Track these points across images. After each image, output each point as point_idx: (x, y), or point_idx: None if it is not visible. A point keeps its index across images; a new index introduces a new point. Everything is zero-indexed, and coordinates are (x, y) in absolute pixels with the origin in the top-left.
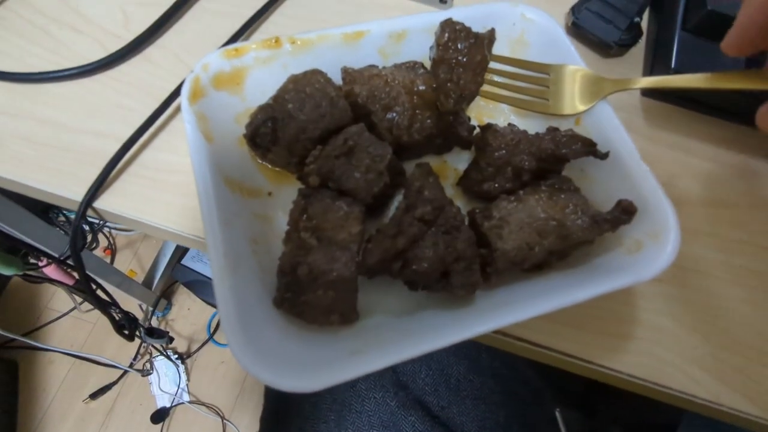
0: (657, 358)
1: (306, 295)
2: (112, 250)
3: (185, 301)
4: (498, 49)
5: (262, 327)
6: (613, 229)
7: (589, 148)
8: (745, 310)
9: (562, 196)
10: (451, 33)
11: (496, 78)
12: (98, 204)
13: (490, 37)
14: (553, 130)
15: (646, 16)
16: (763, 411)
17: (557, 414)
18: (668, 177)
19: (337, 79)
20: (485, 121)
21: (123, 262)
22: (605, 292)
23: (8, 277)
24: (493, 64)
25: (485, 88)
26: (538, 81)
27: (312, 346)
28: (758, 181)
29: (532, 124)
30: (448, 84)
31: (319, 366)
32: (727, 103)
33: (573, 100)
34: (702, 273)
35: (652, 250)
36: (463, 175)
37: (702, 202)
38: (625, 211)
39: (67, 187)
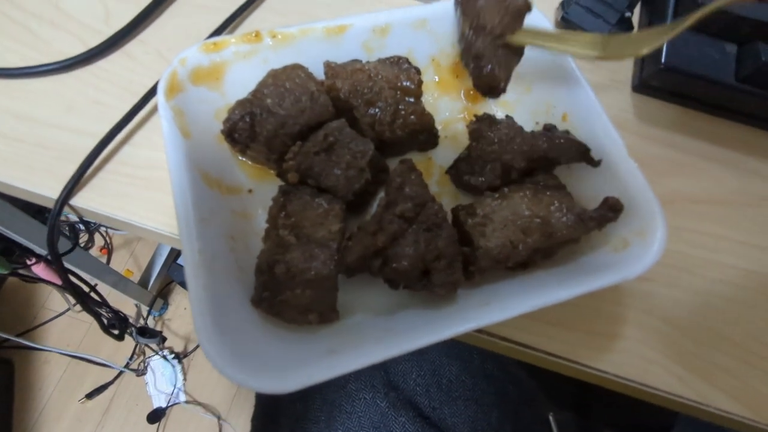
0: (644, 358)
1: (284, 293)
2: (108, 249)
3: (182, 301)
4: None
5: (238, 326)
6: (599, 227)
7: (583, 155)
8: (733, 310)
9: (548, 193)
10: None
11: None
12: (75, 201)
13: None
14: (549, 129)
15: (637, 10)
16: (751, 411)
17: (550, 417)
18: (658, 174)
19: (319, 74)
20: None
21: (119, 262)
22: (590, 291)
23: (4, 278)
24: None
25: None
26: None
27: (290, 345)
28: (750, 179)
29: (521, 117)
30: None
31: (295, 366)
32: (720, 99)
33: (632, 44)
34: (690, 272)
35: (639, 248)
36: (452, 164)
37: (692, 199)
38: (612, 209)
39: (43, 184)
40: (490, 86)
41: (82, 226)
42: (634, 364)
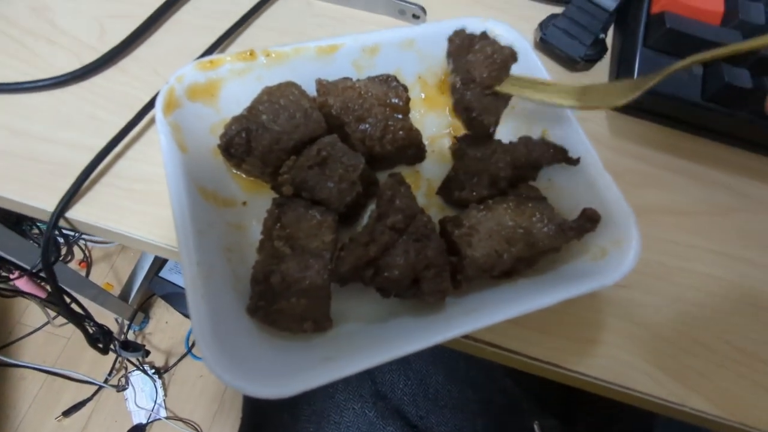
0: (622, 362)
1: (279, 303)
2: (87, 262)
3: (163, 315)
4: None
5: (235, 335)
6: (578, 236)
7: (561, 155)
8: (705, 315)
9: (530, 204)
10: (460, 37)
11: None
12: (71, 214)
13: (511, 53)
14: (526, 139)
15: (610, 33)
16: (723, 411)
17: (535, 426)
18: (631, 186)
19: (311, 91)
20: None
21: (99, 275)
22: (570, 297)
23: None
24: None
25: (510, 83)
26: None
27: (286, 353)
28: (717, 191)
29: (504, 134)
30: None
31: (291, 372)
32: (688, 117)
33: (608, 96)
34: (665, 279)
35: (616, 256)
36: (441, 185)
37: (664, 210)
38: (590, 220)
39: (39, 197)
40: (481, 131)
41: (61, 240)
42: (614, 367)
